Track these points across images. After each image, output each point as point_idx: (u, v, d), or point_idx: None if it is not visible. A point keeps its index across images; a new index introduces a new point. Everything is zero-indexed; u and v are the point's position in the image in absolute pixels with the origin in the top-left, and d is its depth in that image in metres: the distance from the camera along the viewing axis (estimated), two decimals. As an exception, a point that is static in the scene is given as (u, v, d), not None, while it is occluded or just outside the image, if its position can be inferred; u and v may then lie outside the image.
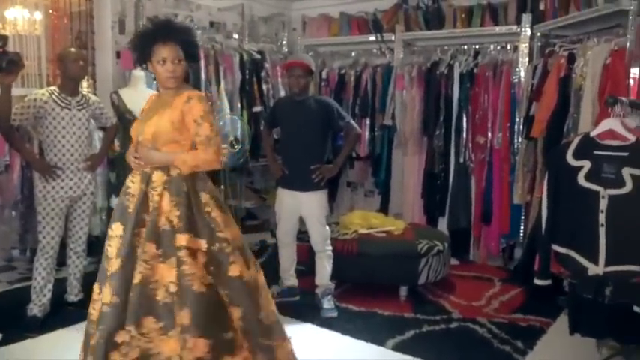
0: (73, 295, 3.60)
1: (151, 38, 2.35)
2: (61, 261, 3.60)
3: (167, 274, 2.23)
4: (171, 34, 2.35)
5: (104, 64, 4.72)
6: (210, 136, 2.34)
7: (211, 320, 2.23)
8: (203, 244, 2.28)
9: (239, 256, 2.36)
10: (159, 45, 2.32)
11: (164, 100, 2.41)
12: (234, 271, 2.32)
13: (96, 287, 2.39)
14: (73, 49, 3.39)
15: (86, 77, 4.14)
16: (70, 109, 3.30)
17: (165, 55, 2.31)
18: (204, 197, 2.37)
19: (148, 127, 2.37)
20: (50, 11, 5.45)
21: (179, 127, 2.33)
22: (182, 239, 2.24)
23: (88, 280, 3.05)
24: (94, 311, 2.36)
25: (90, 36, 4.71)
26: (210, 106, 2.56)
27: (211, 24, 5.43)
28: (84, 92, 3.50)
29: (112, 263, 2.31)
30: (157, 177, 2.34)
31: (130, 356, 2.21)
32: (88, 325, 2.37)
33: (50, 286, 3.41)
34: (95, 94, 4.27)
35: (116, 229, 2.36)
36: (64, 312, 3.49)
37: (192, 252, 2.26)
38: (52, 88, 3.32)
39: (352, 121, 3.76)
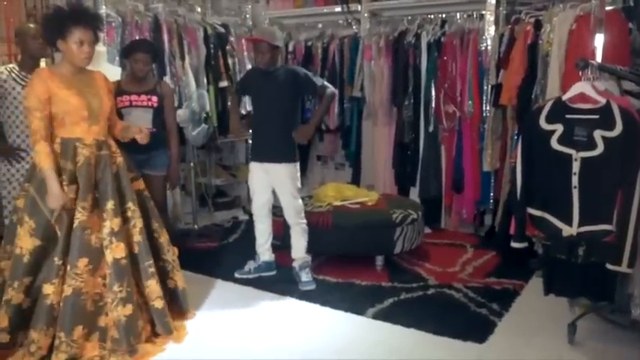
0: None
1: (71, 20, 2.56)
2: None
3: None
4: (91, 19, 2.63)
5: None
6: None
7: None
8: None
9: None
10: (79, 28, 2.55)
11: (85, 79, 2.69)
12: None
13: None
14: (32, 25, 3.24)
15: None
16: None
17: (85, 38, 2.57)
18: None
19: (98, 102, 2.67)
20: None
21: (110, 103, 2.79)
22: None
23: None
24: None
25: (45, 12, 4.50)
26: None
27: (172, -4, 5.26)
28: (44, 70, 3.36)
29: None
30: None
31: None
32: None
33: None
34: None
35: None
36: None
37: None
38: (11, 66, 3.18)
39: (326, 83, 3.72)
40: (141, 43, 3.73)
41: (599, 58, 3.21)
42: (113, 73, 3.53)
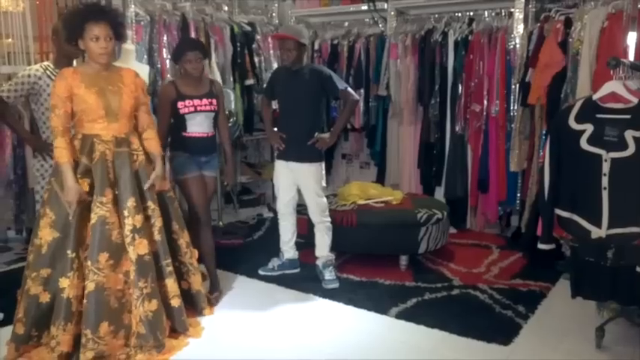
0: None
1: (84, 17, 2.58)
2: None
3: None
4: (103, 14, 2.62)
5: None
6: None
7: None
8: None
9: None
10: (91, 23, 2.56)
11: (110, 77, 2.69)
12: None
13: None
14: None
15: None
16: None
17: (98, 32, 2.57)
18: None
19: (117, 101, 2.66)
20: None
21: (136, 102, 2.75)
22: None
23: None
24: None
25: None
26: None
27: (200, -5, 5.31)
28: (76, 67, 3.43)
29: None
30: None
31: None
32: None
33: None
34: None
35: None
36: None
37: None
38: (46, 63, 3.25)
39: (350, 89, 3.68)
40: (190, 41, 3.73)
41: (631, 57, 3.15)
42: (142, 71, 3.58)
